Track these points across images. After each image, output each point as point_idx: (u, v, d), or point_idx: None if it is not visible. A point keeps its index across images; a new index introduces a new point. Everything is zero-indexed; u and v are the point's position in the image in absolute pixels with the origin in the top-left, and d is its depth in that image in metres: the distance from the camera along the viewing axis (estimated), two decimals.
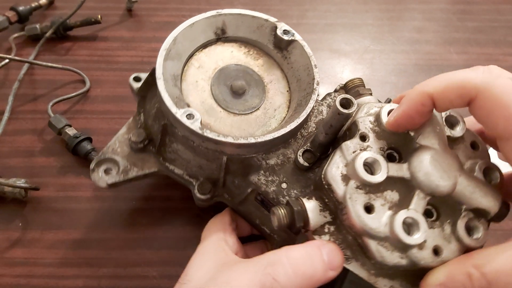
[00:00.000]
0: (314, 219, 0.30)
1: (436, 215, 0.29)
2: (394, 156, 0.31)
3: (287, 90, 0.41)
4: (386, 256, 0.27)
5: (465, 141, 0.32)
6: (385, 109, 0.31)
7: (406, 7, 0.72)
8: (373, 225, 0.27)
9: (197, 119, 0.34)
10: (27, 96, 0.56)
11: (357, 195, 0.28)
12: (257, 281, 0.27)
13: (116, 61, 0.61)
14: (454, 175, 0.28)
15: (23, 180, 0.46)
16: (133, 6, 0.67)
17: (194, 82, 0.39)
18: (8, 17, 0.61)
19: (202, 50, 0.41)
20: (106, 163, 0.40)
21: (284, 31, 0.40)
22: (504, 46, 0.67)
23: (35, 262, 0.44)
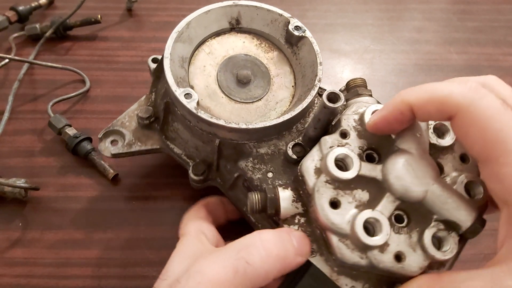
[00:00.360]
0: (285, 208, 0.30)
1: (407, 222, 0.28)
2: (373, 156, 0.30)
3: (292, 85, 0.41)
4: (345, 254, 0.27)
5: (455, 152, 0.31)
6: (369, 109, 0.31)
7: (406, 7, 0.72)
8: (336, 220, 0.27)
9: (194, 99, 0.35)
10: (27, 96, 0.56)
11: (325, 189, 0.28)
12: (230, 267, 0.27)
13: (116, 61, 0.61)
14: (426, 182, 0.28)
15: (23, 180, 0.46)
16: (133, 6, 0.67)
17: (202, 66, 0.41)
18: (8, 17, 0.61)
19: (215, 37, 0.42)
20: (114, 134, 0.43)
21: (296, 27, 0.41)
22: (504, 46, 0.67)
23: (35, 262, 0.44)
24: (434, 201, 0.27)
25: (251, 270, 0.27)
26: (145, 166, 0.51)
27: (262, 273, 0.27)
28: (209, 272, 0.27)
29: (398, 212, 0.28)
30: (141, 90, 0.58)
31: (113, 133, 0.43)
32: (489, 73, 0.68)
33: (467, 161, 0.31)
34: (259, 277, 0.27)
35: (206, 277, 0.27)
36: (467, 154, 0.31)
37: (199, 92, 0.39)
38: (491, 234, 0.49)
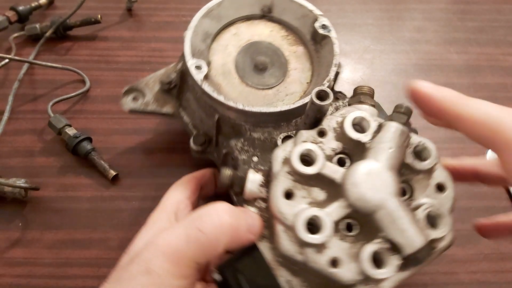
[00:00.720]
0: (250, 189, 0.31)
1: (357, 232, 0.28)
2: (344, 161, 0.30)
3: (307, 82, 0.42)
4: (285, 244, 0.28)
5: (432, 178, 0.30)
6: (350, 115, 0.30)
7: (406, 7, 0.72)
8: (284, 210, 0.28)
9: (203, 71, 0.37)
10: (27, 96, 0.56)
11: (284, 178, 0.29)
12: (183, 234, 0.27)
13: (116, 61, 0.61)
14: (381, 196, 0.27)
15: (23, 180, 0.46)
16: (133, 6, 0.67)
17: (224, 45, 0.43)
18: (8, 17, 0.61)
19: (245, 21, 0.44)
20: (136, 92, 0.45)
21: (323, 25, 0.41)
22: (505, 46, 0.67)
23: (35, 262, 0.44)
24: (384, 217, 0.27)
25: (203, 237, 0.27)
26: (145, 166, 0.51)
27: (213, 241, 0.27)
28: (162, 242, 0.28)
29: (351, 221, 0.28)
30: None
31: (136, 90, 0.45)
32: (489, 73, 0.68)
33: (443, 190, 0.30)
34: (210, 245, 0.27)
35: (159, 247, 0.27)
36: (445, 184, 0.30)
37: (215, 69, 0.41)
38: None
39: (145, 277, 0.26)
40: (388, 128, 0.29)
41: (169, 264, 0.27)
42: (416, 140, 0.30)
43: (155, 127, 0.55)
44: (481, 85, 0.62)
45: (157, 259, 0.27)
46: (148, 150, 0.53)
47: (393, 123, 0.29)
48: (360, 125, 0.31)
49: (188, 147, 0.43)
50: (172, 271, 0.27)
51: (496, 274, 0.47)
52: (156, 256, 0.27)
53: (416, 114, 0.31)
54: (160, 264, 0.27)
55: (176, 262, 0.27)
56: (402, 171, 0.29)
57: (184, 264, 0.27)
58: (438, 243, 0.28)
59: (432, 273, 0.47)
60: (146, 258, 0.27)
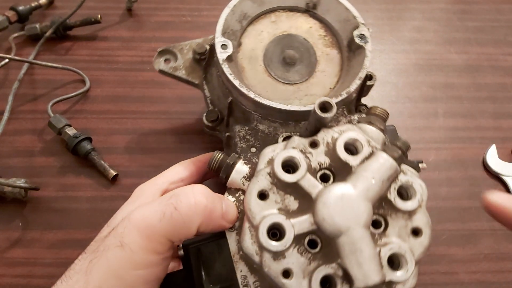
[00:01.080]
0: (233, 178, 0.32)
1: (317, 251, 0.28)
2: (328, 177, 0.30)
3: (330, 87, 0.41)
4: (246, 242, 0.28)
5: (410, 221, 0.29)
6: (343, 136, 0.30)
7: (406, 7, 0.72)
8: (254, 208, 0.28)
9: (227, 52, 0.37)
10: (27, 96, 0.56)
11: (263, 178, 0.29)
12: (158, 211, 0.28)
13: (116, 61, 0.61)
14: (348, 224, 0.27)
15: (23, 180, 0.46)
16: (133, 5, 0.67)
17: (259, 30, 0.42)
18: (8, 17, 0.61)
19: (287, 11, 0.43)
20: (169, 54, 0.46)
21: (361, 35, 0.40)
22: (505, 46, 0.67)
23: (35, 262, 0.44)
24: (345, 245, 0.27)
25: (177, 216, 0.27)
26: (145, 166, 0.51)
27: (187, 221, 0.28)
28: (137, 217, 0.28)
29: (315, 238, 0.28)
30: (141, 90, 0.58)
31: (170, 53, 0.46)
32: (489, 72, 0.68)
33: (418, 236, 0.29)
34: (184, 224, 0.28)
35: (133, 222, 0.28)
36: (422, 230, 0.29)
37: (243, 51, 0.41)
38: (491, 234, 0.49)
39: (119, 250, 0.27)
40: (377, 159, 0.28)
41: (142, 239, 0.27)
42: (405, 179, 0.29)
43: (155, 127, 0.55)
44: (481, 85, 0.62)
45: (130, 233, 0.27)
46: (148, 150, 0.53)
47: (384, 154, 0.29)
48: (354, 146, 0.30)
49: (188, 147, 0.43)
50: (144, 246, 0.27)
51: (496, 274, 0.47)
52: (130, 231, 0.27)
53: (417, 114, 0.31)
54: (133, 239, 0.27)
55: (149, 238, 0.27)
56: (382, 204, 0.29)
57: (156, 240, 0.27)
58: (397, 286, 0.27)
59: (432, 273, 0.47)
60: (120, 232, 0.28)
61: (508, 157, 0.54)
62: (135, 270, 0.27)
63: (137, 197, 0.35)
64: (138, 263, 0.27)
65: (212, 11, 0.67)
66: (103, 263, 0.27)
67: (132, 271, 0.27)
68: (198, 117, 0.56)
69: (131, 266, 0.27)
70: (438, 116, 0.58)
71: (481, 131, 0.57)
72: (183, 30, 0.65)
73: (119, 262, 0.27)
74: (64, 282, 0.28)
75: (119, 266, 0.27)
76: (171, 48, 0.46)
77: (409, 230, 0.29)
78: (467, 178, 0.53)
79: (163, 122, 0.55)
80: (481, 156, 0.55)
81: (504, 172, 0.53)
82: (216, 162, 0.33)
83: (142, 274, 0.27)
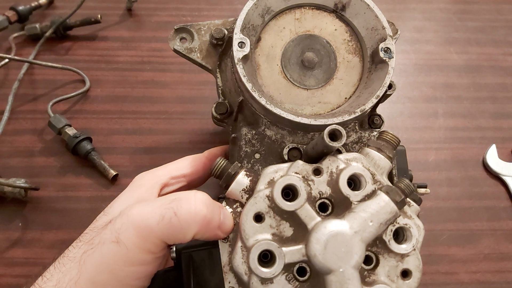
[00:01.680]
0: (233, 189, 0.31)
1: (305, 279, 0.28)
2: (326, 207, 0.30)
3: (346, 97, 0.39)
4: (237, 261, 0.28)
5: (402, 263, 0.29)
6: (347, 170, 0.29)
7: (406, 7, 0.72)
8: (248, 230, 0.28)
9: (244, 51, 0.36)
10: (27, 96, 0.56)
11: (261, 200, 0.29)
12: (158, 213, 0.28)
13: (116, 61, 0.61)
14: (338, 264, 0.27)
15: (23, 180, 0.46)
16: (133, 5, 0.67)
17: (282, 26, 0.40)
18: (8, 17, 0.61)
19: (314, 9, 0.41)
20: (186, 33, 0.44)
21: (386, 49, 0.38)
22: (505, 46, 0.67)
23: (35, 262, 0.44)
24: (333, 284, 0.27)
25: (175, 221, 0.28)
26: (144, 166, 0.51)
27: (185, 227, 0.28)
28: (136, 215, 0.28)
29: (305, 266, 0.28)
30: (141, 90, 0.58)
31: (187, 32, 0.44)
32: (489, 73, 0.68)
33: (407, 278, 0.29)
34: (181, 230, 0.28)
35: (131, 219, 0.28)
36: (411, 273, 0.29)
37: (261, 47, 0.39)
38: (491, 234, 0.49)
39: (114, 246, 0.27)
40: (378, 201, 0.28)
41: (138, 238, 0.27)
42: (403, 221, 0.29)
43: (155, 127, 0.55)
44: (481, 85, 0.62)
45: (127, 231, 0.28)
46: (148, 150, 0.53)
47: (386, 198, 0.28)
48: (358, 179, 0.30)
49: (188, 147, 0.43)
50: (139, 245, 0.27)
51: (496, 274, 0.47)
52: (127, 228, 0.28)
53: (418, 113, 0.30)
54: (129, 237, 0.27)
55: (145, 238, 0.28)
56: (377, 242, 0.29)
57: (151, 241, 0.28)
58: None
59: (432, 273, 0.47)
60: (117, 227, 0.28)
61: (508, 157, 0.54)
62: (128, 267, 0.28)
63: (136, 187, 0.35)
64: (132, 260, 0.28)
65: (212, 11, 0.67)
66: (97, 256, 0.28)
67: (125, 267, 0.27)
68: (198, 117, 0.56)
69: (124, 263, 0.27)
70: (438, 116, 0.58)
71: (481, 131, 0.57)
72: None
73: (113, 258, 0.27)
74: (57, 269, 0.29)
75: (113, 261, 0.27)
76: (189, 26, 0.43)
77: (399, 271, 0.29)
78: (467, 178, 0.53)
79: (163, 122, 0.55)
80: (481, 156, 0.55)
81: (504, 172, 0.53)
82: (218, 169, 0.32)
83: (135, 271, 0.28)
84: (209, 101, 0.45)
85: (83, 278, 0.27)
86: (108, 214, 0.32)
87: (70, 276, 0.27)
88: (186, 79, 0.59)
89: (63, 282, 0.27)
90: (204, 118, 0.55)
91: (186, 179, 0.37)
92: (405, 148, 0.40)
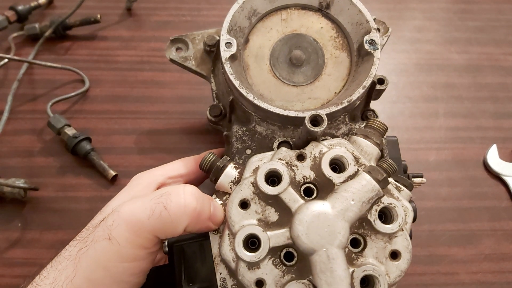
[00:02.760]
0: (222, 181, 0.32)
1: (292, 264, 0.28)
2: (312, 191, 0.30)
3: (335, 92, 0.39)
4: (224, 248, 0.29)
5: (390, 244, 0.28)
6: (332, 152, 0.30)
7: (407, 7, 0.72)
8: (233, 217, 0.29)
9: (231, 51, 0.37)
10: (26, 96, 0.56)
11: (246, 187, 0.29)
12: (148, 207, 0.28)
13: (115, 61, 0.61)
14: (321, 243, 0.27)
15: (22, 180, 0.46)
16: (132, 5, 0.67)
17: (269, 28, 0.41)
18: (7, 17, 0.61)
19: (299, 9, 0.42)
20: (181, 43, 0.45)
21: (371, 41, 0.39)
22: (505, 46, 0.66)
23: (34, 262, 0.44)
24: (317, 264, 0.27)
25: (165, 215, 0.28)
26: (144, 166, 0.51)
27: (175, 220, 0.28)
28: (127, 211, 0.29)
29: (292, 251, 0.29)
30: (141, 89, 0.58)
31: (182, 42, 0.45)
32: (489, 72, 0.68)
33: (397, 260, 0.28)
34: (172, 223, 0.28)
35: (122, 215, 0.28)
36: (400, 254, 0.28)
37: (249, 48, 0.40)
38: (492, 234, 0.49)
39: (107, 242, 0.28)
40: (360, 180, 0.28)
41: (129, 234, 0.28)
42: (388, 201, 0.29)
43: (154, 127, 0.55)
44: (482, 85, 0.61)
45: (119, 227, 0.28)
46: (148, 150, 0.53)
47: (367, 176, 0.28)
48: (342, 162, 0.30)
49: (188, 147, 0.43)
50: (131, 241, 0.28)
51: (497, 274, 0.47)
52: (118, 224, 0.28)
53: (419, 114, 0.30)
54: (121, 233, 0.28)
55: (137, 233, 0.28)
56: (363, 223, 0.29)
57: (143, 236, 0.28)
58: None
59: (433, 273, 0.47)
60: (109, 224, 0.28)
61: (509, 157, 0.54)
62: (122, 263, 0.28)
63: (133, 187, 0.35)
64: (124, 256, 0.28)
65: (211, 11, 0.67)
66: (91, 253, 0.28)
67: (118, 263, 0.28)
68: (197, 117, 0.55)
69: (117, 259, 0.28)
70: (438, 116, 0.58)
71: (482, 131, 0.57)
72: (183, 29, 0.65)
73: (106, 254, 0.28)
74: (53, 267, 0.29)
75: (106, 258, 0.28)
76: (184, 37, 0.45)
77: (387, 253, 0.28)
78: (468, 178, 0.53)
79: (162, 122, 0.55)
80: (481, 156, 0.55)
81: (505, 172, 0.53)
82: (207, 163, 0.33)
83: (128, 267, 0.28)
84: (208, 101, 0.45)
85: (78, 275, 0.27)
86: (104, 213, 0.32)
87: (66, 274, 0.28)
88: (186, 79, 0.59)
89: (60, 280, 0.27)
90: (204, 118, 0.55)
91: (183, 179, 0.37)
92: (397, 139, 0.41)
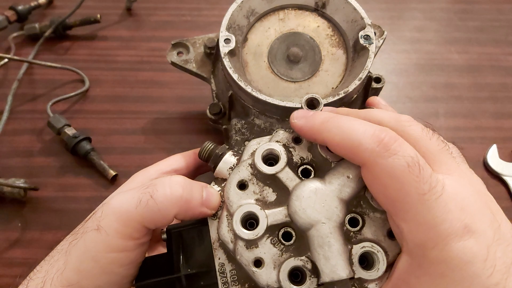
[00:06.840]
0: (221, 168, 0.32)
1: (291, 243, 0.28)
2: (309, 171, 0.30)
3: (333, 87, 0.41)
4: (223, 229, 0.29)
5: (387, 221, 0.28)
6: None
7: (407, 7, 0.72)
8: (232, 197, 0.29)
9: (230, 46, 0.38)
10: (26, 96, 0.56)
11: (244, 169, 0.30)
12: (135, 198, 0.28)
13: (115, 61, 0.61)
14: (318, 218, 0.27)
15: (22, 180, 0.46)
16: (132, 5, 0.67)
17: (267, 27, 0.42)
18: (7, 16, 0.61)
19: (295, 9, 0.43)
20: (182, 47, 0.47)
21: (366, 36, 0.39)
22: (505, 46, 0.66)
23: (34, 262, 0.43)
24: (314, 239, 0.27)
25: (152, 204, 0.28)
26: (144, 166, 0.51)
27: (162, 209, 0.28)
28: (115, 202, 0.29)
29: (290, 231, 0.29)
30: (141, 89, 0.58)
31: (184, 46, 0.47)
32: (490, 72, 0.67)
33: (394, 239, 0.28)
34: (159, 212, 0.28)
35: (110, 206, 0.29)
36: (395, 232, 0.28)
37: (248, 47, 0.41)
38: None
39: (95, 233, 0.28)
40: None
41: (118, 224, 0.28)
42: None
43: (154, 127, 0.54)
44: (482, 85, 0.61)
45: (107, 217, 0.28)
46: (148, 150, 0.53)
47: None
48: None
49: (188, 147, 0.43)
50: (120, 231, 0.28)
51: None
52: (107, 215, 0.28)
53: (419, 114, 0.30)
54: (109, 223, 0.28)
55: (125, 223, 0.28)
56: (361, 202, 0.29)
57: (132, 226, 0.28)
58: (367, 284, 0.27)
59: None
60: (98, 215, 0.29)
61: (509, 157, 0.54)
62: (110, 253, 0.28)
63: (127, 184, 0.36)
64: (113, 246, 0.28)
65: (211, 11, 0.67)
66: (81, 245, 0.28)
67: (107, 254, 0.28)
68: (197, 117, 0.55)
69: (106, 249, 0.28)
70: (438, 116, 0.58)
71: (482, 131, 0.57)
72: (183, 29, 0.65)
73: (95, 245, 0.28)
74: (46, 261, 0.30)
75: (95, 248, 0.28)
76: (185, 41, 0.46)
77: (385, 231, 0.28)
78: None
79: (162, 122, 0.55)
80: (482, 156, 0.55)
81: (505, 172, 0.52)
82: (206, 151, 0.34)
83: (117, 257, 0.28)
84: (208, 101, 0.45)
85: (68, 267, 0.28)
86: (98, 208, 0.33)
87: (57, 266, 0.28)
88: (186, 78, 0.58)
89: (51, 273, 0.28)
90: (204, 118, 0.55)
91: (178, 173, 0.37)
92: None
